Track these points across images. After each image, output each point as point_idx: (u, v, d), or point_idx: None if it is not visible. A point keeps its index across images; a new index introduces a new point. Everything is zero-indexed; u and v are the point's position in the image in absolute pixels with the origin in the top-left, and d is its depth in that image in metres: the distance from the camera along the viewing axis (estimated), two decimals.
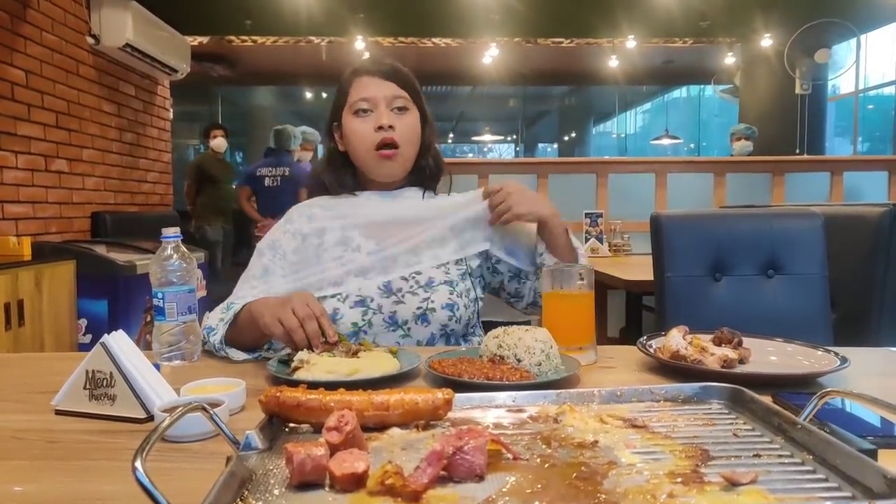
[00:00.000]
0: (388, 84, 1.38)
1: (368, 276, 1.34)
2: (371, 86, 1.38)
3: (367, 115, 1.37)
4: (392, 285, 1.33)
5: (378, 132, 1.35)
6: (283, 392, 0.68)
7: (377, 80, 1.39)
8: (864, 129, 9.58)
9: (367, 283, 1.33)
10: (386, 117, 1.36)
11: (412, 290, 1.33)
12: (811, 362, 1.08)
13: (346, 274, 1.34)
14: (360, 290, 1.32)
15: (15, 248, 3.27)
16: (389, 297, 1.32)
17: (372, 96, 1.37)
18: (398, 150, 1.37)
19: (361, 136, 1.37)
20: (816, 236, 1.90)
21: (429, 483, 0.52)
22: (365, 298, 1.31)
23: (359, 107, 1.38)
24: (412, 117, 1.40)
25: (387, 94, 1.37)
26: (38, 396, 0.99)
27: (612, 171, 4.16)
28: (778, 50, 6.44)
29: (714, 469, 0.55)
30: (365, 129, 1.37)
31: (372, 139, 1.36)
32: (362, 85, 1.39)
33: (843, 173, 4.26)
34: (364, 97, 1.37)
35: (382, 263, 1.35)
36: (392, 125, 1.36)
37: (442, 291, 1.33)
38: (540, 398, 0.75)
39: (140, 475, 0.48)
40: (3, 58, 3.57)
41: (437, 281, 1.35)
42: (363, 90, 1.38)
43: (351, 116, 1.39)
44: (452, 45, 7.06)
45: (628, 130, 15.67)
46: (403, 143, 1.38)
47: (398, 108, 1.38)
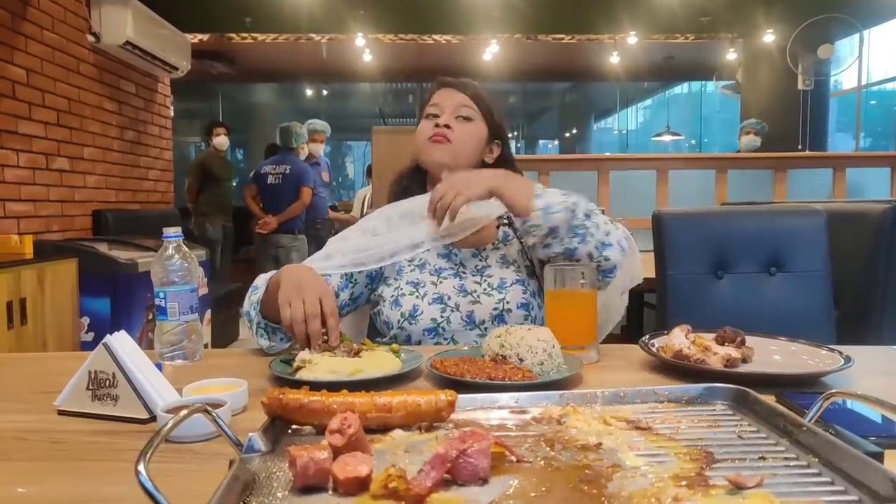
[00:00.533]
0: (458, 94, 1.49)
1: (442, 275, 1.40)
2: (445, 95, 1.50)
3: (434, 119, 1.47)
4: (466, 287, 1.38)
5: (436, 128, 1.45)
6: (285, 394, 0.68)
7: (452, 91, 1.50)
8: (867, 124, 9.56)
9: (443, 282, 1.39)
10: (447, 119, 1.45)
11: (487, 292, 1.38)
12: (815, 361, 1.07)
13: (421, 273, 1.41)
14: (437, 288, 1.38)
15: (17, 247, 3.27)
16: (466, 297, 1.37)
17: (441, 102, 1.48)
18: (449, 144, 1.44)
19: (422, 132, 1.47)
20: (819, 233, 1.89)
21: (432, 486, 0.52)
22: (443, 296, 1.36)
23: (430, 111, 1.49)
24: (475, 127, 1.48)
25: (454, 102, 1.47)
26: (40, 396, 0.99)
27: (613, 168, 4.15)
28: (780, 45, 6.42)
29: (719, 472, 0.55)
30: (427, 126, 1.47)
31: (429, 132, 1.45)
32: (439, 93, 1.51)
33: (846, 169, 4.25)
34: (436, 102, 1.49)
35: (454, 267, 1.42)
36: (449, 125, 1.44)
37: (515, 291, 1.37)
38: (543, 399, 0.75)
39: (143, 479, 0.48)
40: (4, 56, 3.56)
41: (509, 281, 1.38)
42: (438, 97, 1.50)
43: (422, 120, 1.50)
44: (453, 42, 7.04)
45: (629, 127, 15.64)
46: (457, 141, 1.44)
47: (462, 116, 1.46)
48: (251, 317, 1.27)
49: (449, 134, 1.44)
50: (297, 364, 1.03)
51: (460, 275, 1.41)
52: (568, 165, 4.26)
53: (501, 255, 1.45)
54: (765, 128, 5.48)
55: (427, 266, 1.43)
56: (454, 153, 1.45)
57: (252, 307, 1.27)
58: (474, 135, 1.48)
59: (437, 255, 1.44)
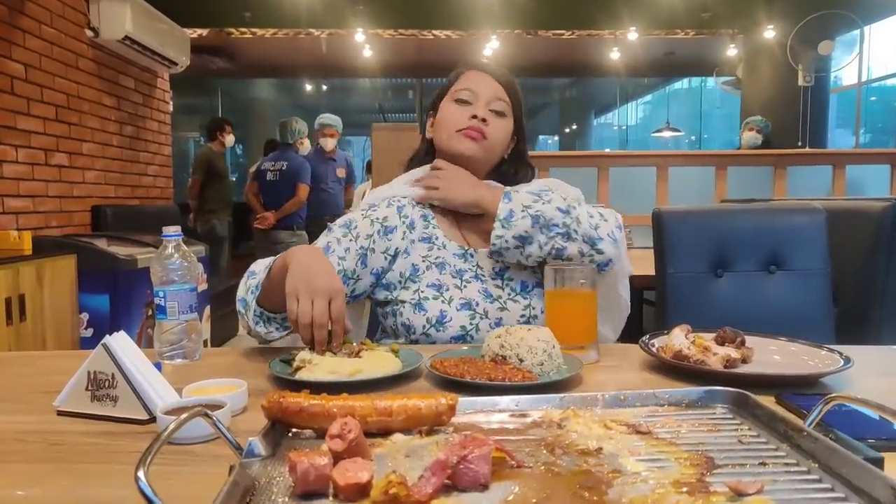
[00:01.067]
0: (496, 85, 1.40)
1: (465, 277, 1.34)
2: (480, 80, 1.40)
3: (466, 106, 1.38)
4: (490, 292, 1.33)
5: (471, 120, 1.36)
6: (285, 398, 0.68)
7: (488, 77, 1.40)
8: (867, 120, 9.55)
9: (468, 286, 1.33)
10: (483, 111, 1.36)
11: (512, 297, 1.33)
12: (815, 362, 1.07)
13: (441, 274, 1.34)
14: (463, 293, 1.32)
15: (16, 243, 3.27)
16: (493, 303, 1.32)
17: (477, 89, 1.38)
18: (485, 140, 1.37)
19: (452, 118, 1.38)
20: (819, 232, 1.90)
21: (433, 493, 0.52)
22: (470, 302, 1.31)
23: (461, 96, 1.38)
24: (506, 123, 1.41)
25: (490, 93, 1.38)
26: (40, 397, 0.99)
27: (613, 165, 4.15)
28: (780, 41, 6.41)
29: (719, 478, 0.55)
30: (459, 113, 1.38)
31: (462, 122, 1.37)
32: (472, 77, 1.41)
33: (846, 166, 4.25)
34: (469, 87, 1.39)
35: (472, 269, 1.36)
36: (486, 119, 1.36)
37: (539, 296, 1.33)
38: (543, 402, 0.75)
39: (143, 485, 0.48)
40: (3, 51, 3.55)
41: (531, 284, 1.35)
42: (471, 82, 1.40)
43: (450, 102, 1.40)
44: (453, 38, 7.02)
45: (629, 122, 15.62)
46: (490, 139, 1.37)
47: (497, 111, 1.39)
48: (247, 303, 1.20)
49: (485, 130, 1.37)
50: (297, 364, 1.03)
51: (480, 277, 1.35)
52: (568, 162, 4.26)
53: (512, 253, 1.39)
54: (769, 126, 5.47)
55: (447, 266, 1.35)
56: (486, 150, 1.39)
57: (249, 292, 1.20)
58: (505, 132, 1.42)
59: (453, 254, 1.37)
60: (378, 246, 1.36)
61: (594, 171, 4.08)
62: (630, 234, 3.85)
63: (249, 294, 1.20)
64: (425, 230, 1.40)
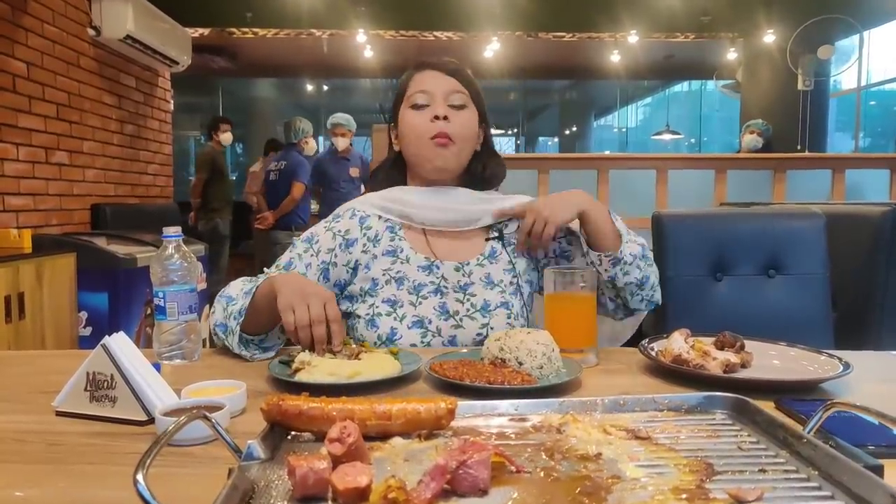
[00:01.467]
0: (448, 79, 1.37)
1: (422, 293, 1.32)
2: (431, 79, 1.37)
3: (424, 109, 1.35)
4: (448, 307, 1.31)
5: (433, 122, 1.33)
6: (284, 400, 0.68)
7: (438, 74, 1.37)
8: (866, 124, 9.56)
9: (423, 302, 1.31)
10: (442, 109, 1.33)
11: (469, 315, 1.31)
12: (814, 367, 1.07)
13: (399, 290, 1.32)
14: (417, 310, 1.30)
15: (15, 241, 3.26)
16: (448, 321, 1.30)
17: (430, 89, 1.35)
18: (453, 144, 1.34)
19: (416, 127, 1.35)
20: (818, 236, 1.90)
21: (432, 498, 0.52)
22: (422, 319, 1.29)
23: (416, 100, 1.36)
24: (470, 114, 1.38)
25: (445, 89, 1.35)
26: (39, 396, 0.99)
27: (612, 167, 4.15)
28: (780, 45, 6.42)
29: (719, 484, 0.55)
30: (421, 119, 1.35)
31: (427, 130, 1.33)
32: (422, 78, 1.38)
33: (845, 171, 4.25)
34: (422, 90, 1.36)
35: (434, 282, 1.33)
36: (447, 116, 1.33)
37: (500, 315, 1.31)
38: (543, 407, 0.75)
39: (142, 489, 0.48)
40: (5, 49, 3.55)
41: (493, 304, 1.32)
42: (422, 83, 1.37)
43: (408, 109, 1.37)
44: (454, 39, 7.03)
45: (629, 125, 15.62)
46: (458, 139, 1.35)
47: (456, 105, 1.35)
48: (228, 328, 1.19)
49: (450, 131, 1.33)
50: (296, 365, 1.03)
51: (441, 290, 1.32)
52: (567, 164, 4.26)
53: (486, 273, 1.36)
54: (769, 129, 5.47)
55: (405, 281, 1.33)
56: (458, 154, 1.37)
57: (231, 318, 1.19)
58: (471, 125, 1.38)
59: (417, 267, 1.34)
60: (339, 259, 1.36)
61: (594, 173, 4.08)
62: None
63: (232, 320, 1.19)
64: (390, 243, 1.37)
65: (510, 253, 1.39)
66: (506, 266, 1.38)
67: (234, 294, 1.24)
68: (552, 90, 14.07)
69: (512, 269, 1.38)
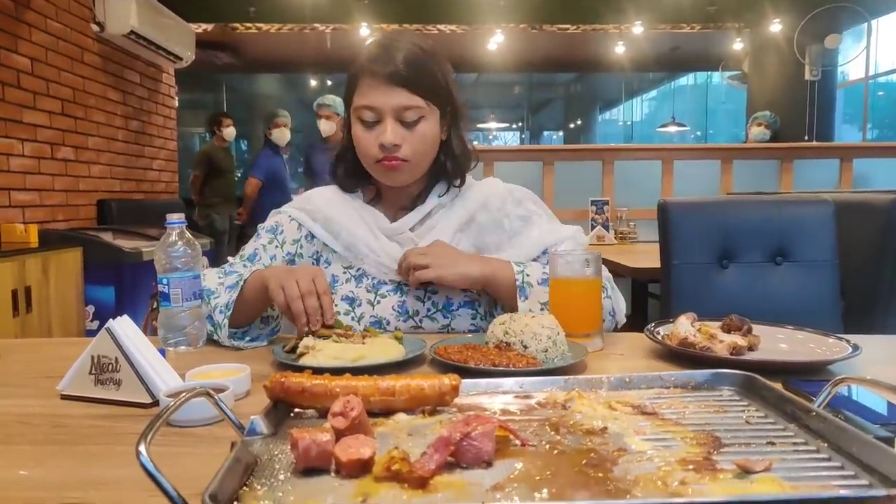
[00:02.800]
0: (397, 91, 1.19)
1: (381, 291, 1.27)
2: (376, 93, 1.20)
3: (373, 127, 1.22)
4: (408, 306, 1.26)
5: (381, 150, 1.21)
6: (288, 377, 0.67)
7: (384, 85, 1.19)
8: (874, 116, 9.48)
9: (381, 301, 1.26)
10: (391, 133, 1.20)
11: (430, 315, 1.26)
12: (822, 350, 1.07)
13: (357, 287, 1.28)
14: (375, 309, 1.26)
15: (22, 236, 3.28)
16: (407, 321, 1.26)
17: (377, 105, 1.20)
18: (406, 163, 1.23)
19: (365, 148, 1.24)
20: (826, 223, 1.88)
21: (436, 469, 0.51)
22: (380, 320, 1.26)
23: (364, 116, 1.22)
24: (427, 126, 1.23)
25: (394, 105, 1.20)
26: (43, 381, 0.99)
27: (618, 159, 4.13)
28: (787, 35, 6.37)
29: (726, 456, 0.54)
30: (368, 141, 1.22)
31: (375, 154, 1.22)
32: (368, 89, 1.21)
33: (853, 160, 4.22)
34: (368, 104, 1.21)
35: (395, 280, 1.27)
36: (398, 143, 1.20)
37: (464, 316, 1.26)
38: (548, 384, 0.74)
39: (144, 460, 0.48)
40: (9, 45, 3.56)
41: (457, 303, 1.27)
42: (367, 96, 1.21)
43: (356, 122, 1.24)
44: (457, 32, 7.00)
45: (634, 118, 15.56)
46: (413, 156, 1.23)
47: (408, 121, 1.21)
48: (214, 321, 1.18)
49: (402, 154, 1.21)
50: (301, 350, 1.03)
51: (402, 288, 1.27)
52: (572, 156, 4.24)
53: None
54: (777, 122, 5.44)
55: (364, 279, 1.28)
56: (411, 172, 1.26)
57: (218, 311, 1.17)
58: (430, 137, 1.24)
59: (377, 262, 1.28)
60: (305, 250, 1.34)
61: (599, 164, 4.06)
62: (635, 228, 3.84)
63: (219, 313, 1.18)
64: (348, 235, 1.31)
65: None
66: None
67: (213, 287, 1.23)
68: (557, 84, 14.03)
69: None
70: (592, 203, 3.87)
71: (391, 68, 1.19)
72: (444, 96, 1.26)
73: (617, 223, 3.85)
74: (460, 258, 1.22)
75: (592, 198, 3.90)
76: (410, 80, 1.20)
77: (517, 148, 7.29)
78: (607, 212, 3.86)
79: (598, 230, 3.81)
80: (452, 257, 1.21)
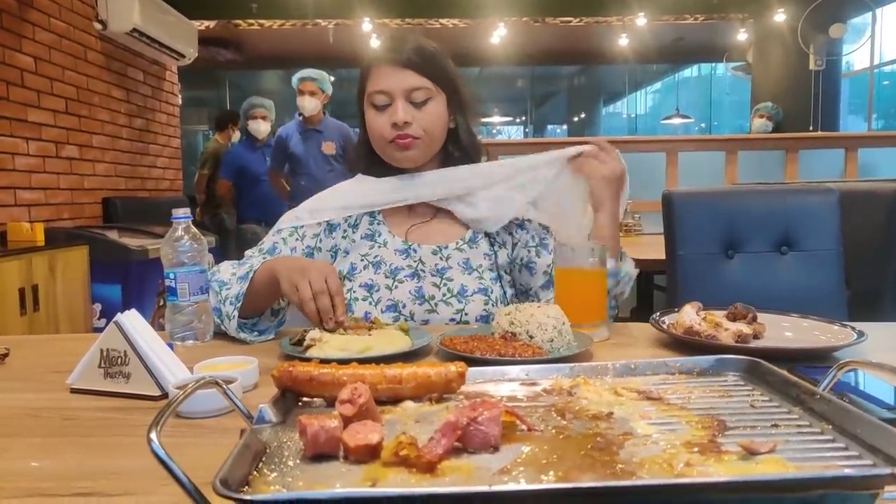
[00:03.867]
0: (407, 73, 1.29)
1: (398, 277, 1.32)
2: (388, 77, 1.29)
3: (385, 109, 1.30)
4: (424, 291, 1.30)
5: (394, 129, 1.29)
6: (295, 367, 0.68)
7: (395, 69, 1.29)
8: (879, 105, 9.42)
9: (399, 286, 1.30)
10: (402, 111, 1.28)
11: (445, 300, 1.30)
12: (827, 337, 1.07)
13: (376, 274, 1.32)
14: (392, 294, 1.30)
15: (28, 234, 3.29)
16: (422, 305, 1.30)
17: (388, 89, 1.29)
18: (418, 140, 1.31)
19: (377, 130, 1.32)
20: (831, 212, 1.88)
21: (443, 454, 0.52)
22: (397, 304, 1.29)
23: (376, 101, 1.31)
24: (436, 106, 1.32)
25: (404, 87, 1.29)
26: (53, 376, 1.00)
27: (622, 150, 4.09)
28: (791, 25, 6.33)
29: (731, 439, 0.55)
30: (381, 122, 1.31)
31: (388, 133, 1.30)
32: (379, 75, 1.30)
33: (858, 150, 4.20)
34: (380, 89, 1.30)
35: (412, 266, 1.33)
36: (408, 121, 1.29)
37: (477, 302, 1.30)
38: (553, 371, 0.75)
39: (156, 447, 0.48)
40: (12, 44, 3.57)
41: (471, 289, 1.31)
42: (379, 81, 1.30)
43: (369, 108, 1.33)
44: (460, 26, 6.99)
45: (638, 111, 15.51)
46: (423, 135, 1.31)
47: (417, 101, 1.30)
48: (224, 312, 1.19)
49: (412, 132, 1.30)
50: (308, 342, 1.03)
51: (419, 274, 1.32)
52: None
53: (465, 258, 1.34)
54: (779, 113, 5.41)
55: (382, 265, 1.33)
56: (424, 149, 1.33)
57: (228, 303, 1.19)
58: (437, 117, 1.33)
59: (395, 250, 1.34)
60: (324, 244, 1.38)
61: None
62: (640, 221, 3.83)
63: (228, 304, 1.20)
64: (369, 227, 1.38)
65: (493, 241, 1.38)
66: (487, 251, 1.36)
67: (225, 279, 1.25)
68: (560, 77, 13.99)
69: (493, 255, 1.36)
70: None
71: (402, 55, 1.30)
72: (450, 83, 1.35)
73: (622, 215, 3.83)
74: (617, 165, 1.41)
75: None
76: (419, 64, 1.29)
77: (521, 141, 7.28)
78: None
79: None
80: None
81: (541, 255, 1.38)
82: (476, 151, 1.41)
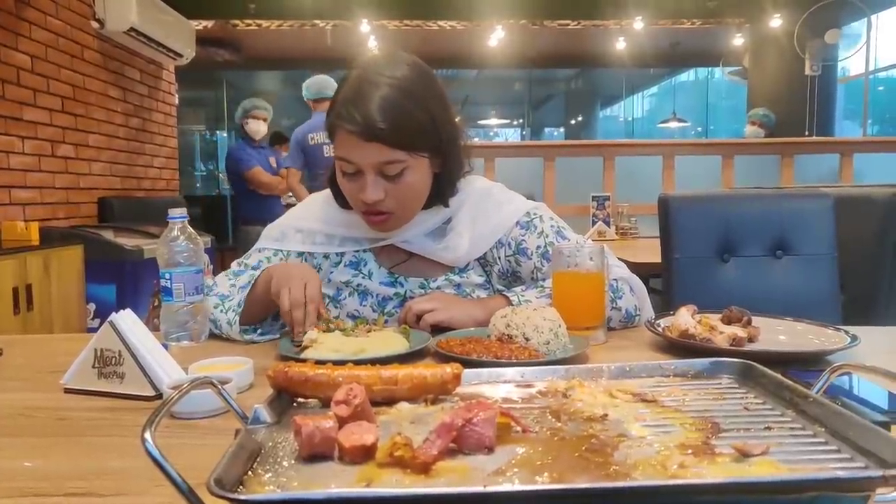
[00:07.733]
0: (373, 147, 1.12)
1: (387, 309, 1.30)
2: (354, 149, 1.14)
3: (355, 178, 1.18)
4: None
5: (364, 203, 1.18)
6: (291, 367, 0.68)
7: (359, 141, 1.12)
8: (874, 111, 9.45)
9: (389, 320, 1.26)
10: (371, 190, 1.15)
11: None
12: (821, 341, 1.07)
13: (362, 306, 1.31)
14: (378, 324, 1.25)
15: (23, 233, 3.28)
16: None
17: (357, 160, 1.14)
18: (392, 215, 1.21)
19: (348, 195, 1.22)
20: (826, 217, 1.89)
21: (438, 455, 0.52)
22: None
23: (345, 168, 1.18)
24: (412, 175, 1.17)
25: (373, 162, 1.14)
26: (46, 376, 1.00)
27: (619, 154, 4.13)
28: (787, 30, 6.36)
29: (725, 441, 0.55)
30: (351, 189, 1.19)
31: (359, 205, 1.21)
32: (344, 142, 1.15)
33: (853, 155, 4.22)
34: (348, 159, 1.16)
35: (400, 293, 1.30)
36: (380, 198, 1.16)
37: None
38: (549, 373, 0.75)
39: (150, 447, 0.48)
40: (9, 42, 3.56)
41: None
42: (346, 150, 1.15)
43: (338, 167, 1.21)
44: (458, 28, 7.00)
45: (635, 114, 15.53)
46: (398, 208, 1.20)
47: (390, 174, 1.15)
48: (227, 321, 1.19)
49: (385, 207, 1.18)
50: (304, 343, 1.03)
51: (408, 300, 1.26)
52: (573, 151, 4.24)
53: (457, 283, 1.30)
54: (771, 119, 5.43)
55: (369, 296, 1.30)
56: (399, 221, 1.24)
57: (229, 312, 1.20)
58: (416, 187, 1.20)
59: (380, 283, 1.29)
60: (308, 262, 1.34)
61: (600, 160, 4.06)
62: (636, 224, 3.85)
63: (231, 313, 1.20)
64: (354, 254, 1.33)
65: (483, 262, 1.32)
66: (479, 273, 1.32)
67: (225, 292, 1.26)
68: (557, 80, 14.00)
69: (486, 276, 1.32)
70: (593, 199, 3.87)
71: (366, 122, 1.11)
72: (429, 138, 1.18)
73: (618, 219, 3.85)
74: (462, 302, 1.25)
75: (594, 193, 3.90)
76: (388, 134, 1.11)
77: (518, 144, 7.29)
78: (608, 207, 3.87)
79: (599, 226, 3.82)
80: (455, 301, 1.24)
81: (521, 263, 1.31)
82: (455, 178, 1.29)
